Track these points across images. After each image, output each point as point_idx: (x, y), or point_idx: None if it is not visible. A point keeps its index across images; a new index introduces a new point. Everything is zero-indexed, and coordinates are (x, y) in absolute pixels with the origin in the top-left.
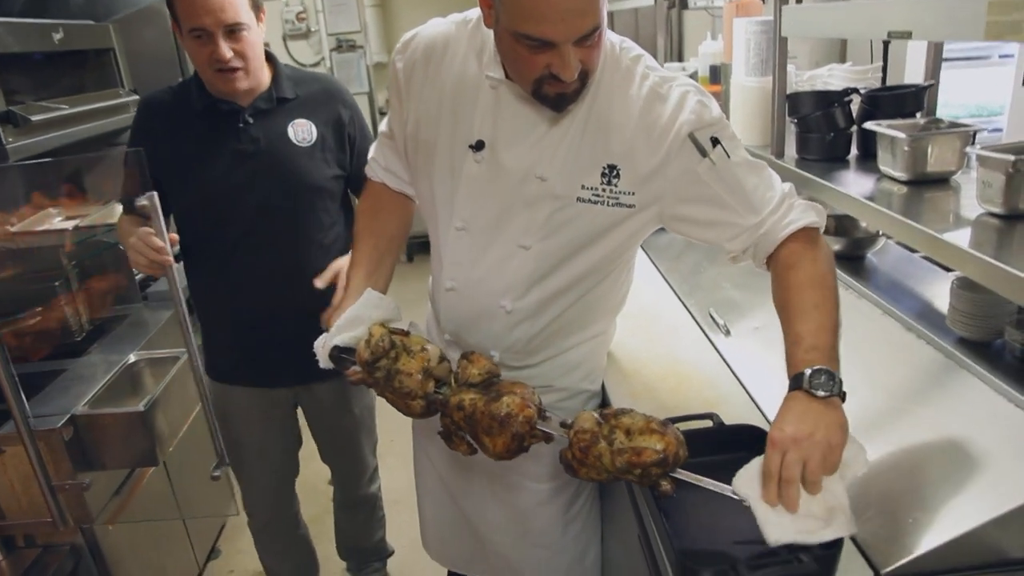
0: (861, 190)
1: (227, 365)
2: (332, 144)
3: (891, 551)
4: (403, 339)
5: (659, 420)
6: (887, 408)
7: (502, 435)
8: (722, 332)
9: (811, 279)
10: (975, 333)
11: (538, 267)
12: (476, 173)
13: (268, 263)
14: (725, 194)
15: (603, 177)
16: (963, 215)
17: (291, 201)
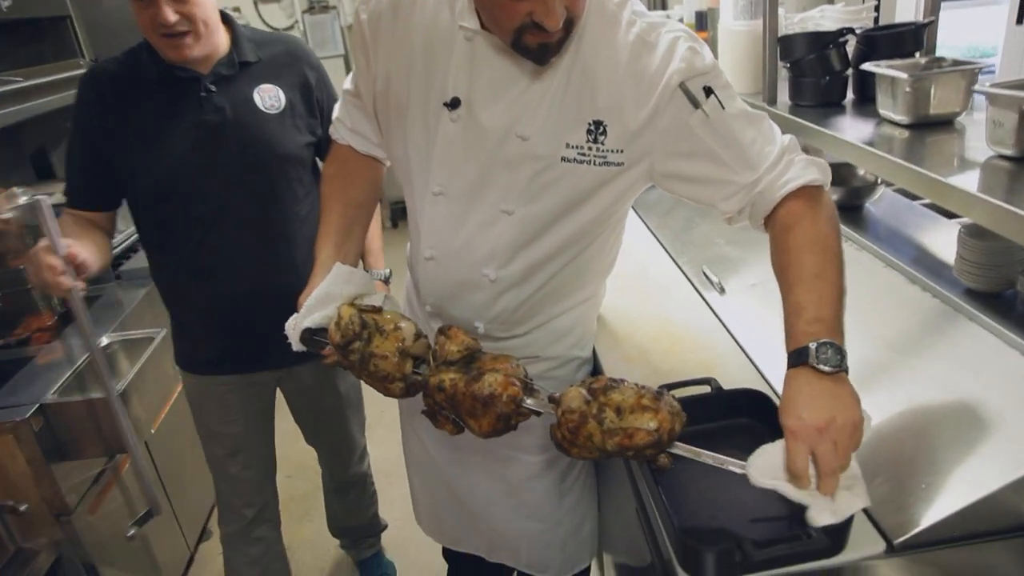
0: (860, 135)
1: (204, 354)
2: (302, 109)
3: (903, 520)
4: (375, 318)
5: (652, 393)
6: (892, 366)
7: (486, 416)
8: (716, 290)
9: (812, 242)
10: (984, 283)
11: (522, 233)
12: (452, 133)
13: (244, 241)
14: (720, 149)
15: (589, 134)
16: (970, 158)
17: (264, 173)
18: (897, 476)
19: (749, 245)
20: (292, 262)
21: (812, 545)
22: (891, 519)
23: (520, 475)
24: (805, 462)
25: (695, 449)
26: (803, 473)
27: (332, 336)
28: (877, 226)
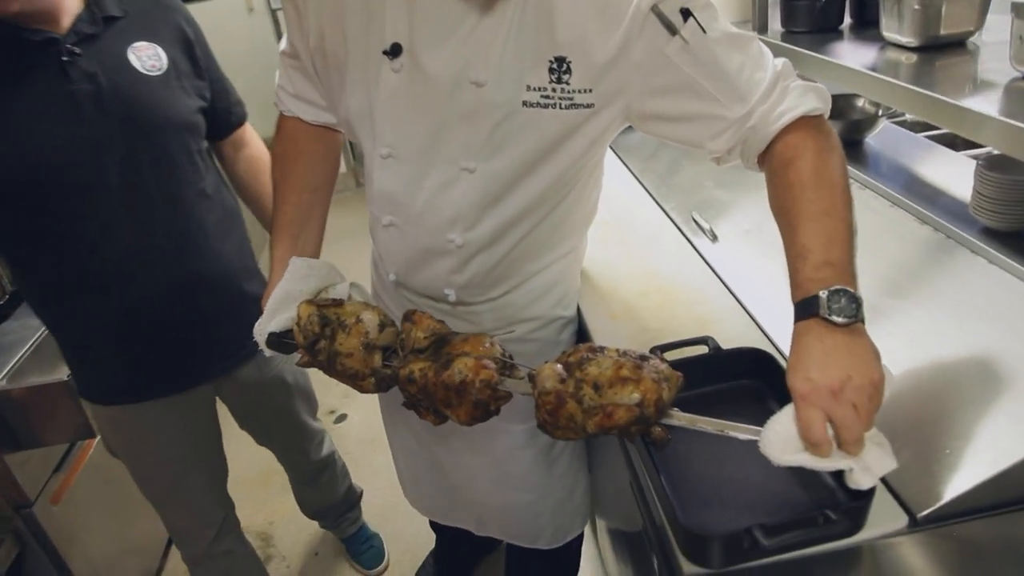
0: (863, 61)
1: (123, 381)
2: (187, 68)
3: (926, 491)
4: (337, 312)
5: (632, 360)
6: (903, 316)
7: (462, 405)
8: (708, 237)
9: (816, 177)
10: (1005, 221)
11: (488, 191)
12: (395, 85)
13: (148, 233)
14: (704, 80)
15: (551, 74)
16: (989, 80)
17: (160, 147)
18: (917, 442)
19: (741, 186)
20: (208, 247)
21: (829, 527)
22: (913, 491)
23: (505, 446)
24: (822, 429)
25: (692, 416)
26: (822, 440)
27: (297, 338)
28: (879, 162)
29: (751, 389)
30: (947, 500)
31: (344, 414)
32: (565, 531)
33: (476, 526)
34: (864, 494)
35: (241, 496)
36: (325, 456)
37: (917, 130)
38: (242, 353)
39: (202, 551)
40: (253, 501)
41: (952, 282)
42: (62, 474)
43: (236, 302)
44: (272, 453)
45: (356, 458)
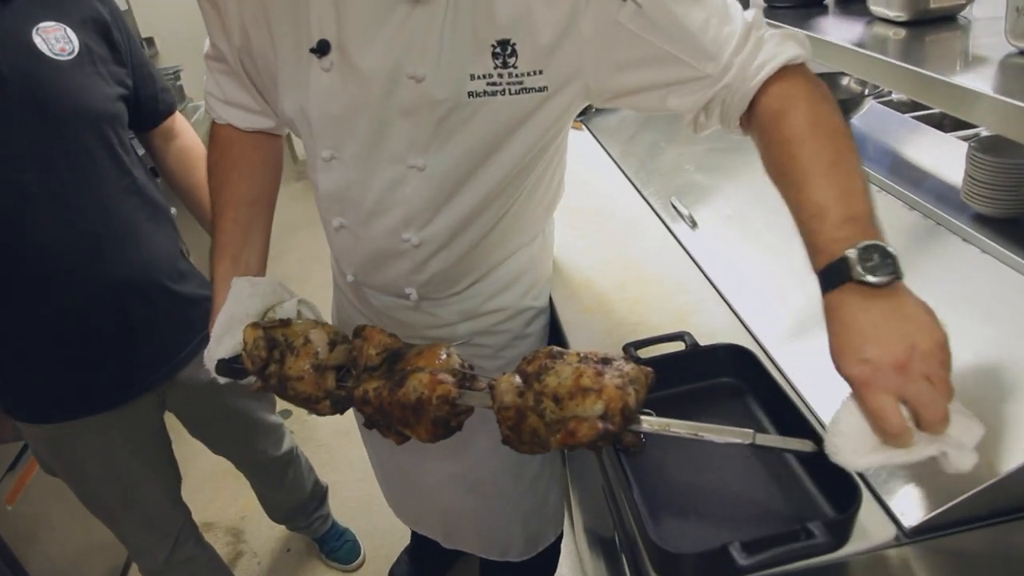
0: (849, 36)
1: (57, 398)
2: (103, 53)
3: (917, 501)
4: (284, 333)
5: (592, 367)
6: None
7: (421, 423)
8: (687, 224)
9: (814, 126)
10: (998, 207)
11: (440, 188)
12: (328, 85)
13: (74, 237)
14: (666, 44)
15: (496, 59)
16: (983, 55)
17: (77, 141)
18: None
19: (722, 170)
20: (137, 247)
21: (812, 544)
22: (902, 500)
23: (473, 448)
24: (897, 415)
25: (665, 420)
26: (900, 428)
27: (246, 364)
28: (865, 144)
29: (731, 387)
30: (939, 511)
31: None
32: (537, 540)
33: (444, 538)
34: (849, 503)
35: (212, 490)
36: (286, 452)
37: (904, 110)
38: (182, 355)
39: (160, 563)
40: (224, 495)
41: (943, 272)
42: (16, 473)
43: (171, 304)
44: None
45: (332, 450)
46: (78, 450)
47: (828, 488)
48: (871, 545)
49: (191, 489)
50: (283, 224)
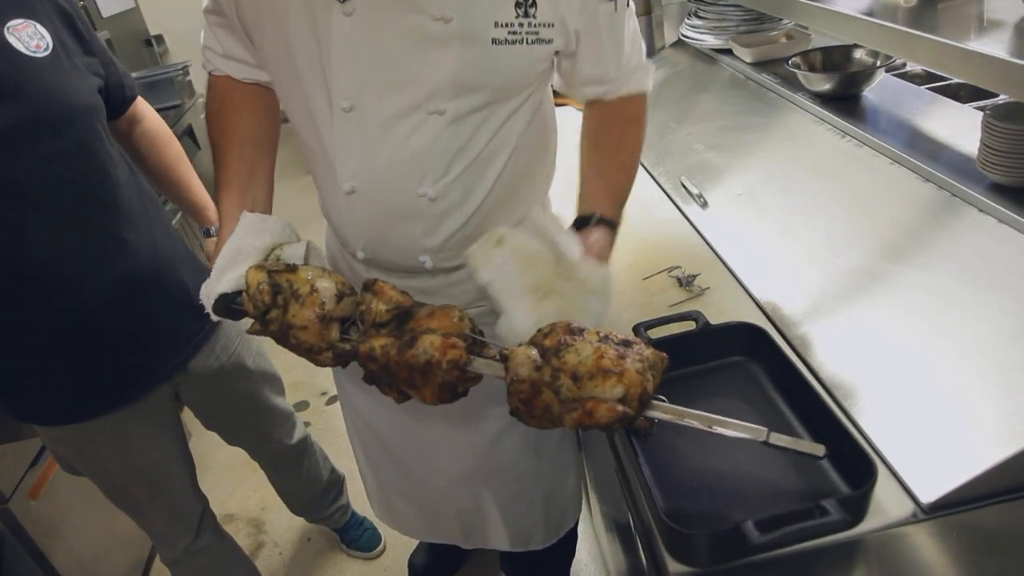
0: (858, 7)
1: (72, 398)
2: (74, 46)
3: (935, 477)
4: (290, 279)
5: (614, 348)
6: (908, 282)
7: (427, 386)
8: (698, 204)
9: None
10: (1015, 176)
11: (457, 134)
12: (351, 31)
13: (76, 235)
14: (607, 44)
15: (518, 8)
16: (997, 19)
17: (71, 139)
18: (924, 422)
19: (732, 149)
20: (138, 238)
21: (827, 521)
22: (919, 476)
23: (487, 434)
24: None
25: (679, 409)
26: None
27: (247, 306)
28: (878, 116)
29: (743, 367)
30: (956, 486)
31: (335, 395)
32: (558, 525)
33: (463, 539)
34: (864, 480)
35: (232, 481)
36: (300, 440)
37: (919, 82)
38: (193, 342)
39: (181, 552)
40: (245, 486)
41: (959, 244)
42: (39, 468)
43: (177, 291)
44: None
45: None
46: (101, 448)
47: (843, 465)
48: (888, 522)
49: (211, 482)
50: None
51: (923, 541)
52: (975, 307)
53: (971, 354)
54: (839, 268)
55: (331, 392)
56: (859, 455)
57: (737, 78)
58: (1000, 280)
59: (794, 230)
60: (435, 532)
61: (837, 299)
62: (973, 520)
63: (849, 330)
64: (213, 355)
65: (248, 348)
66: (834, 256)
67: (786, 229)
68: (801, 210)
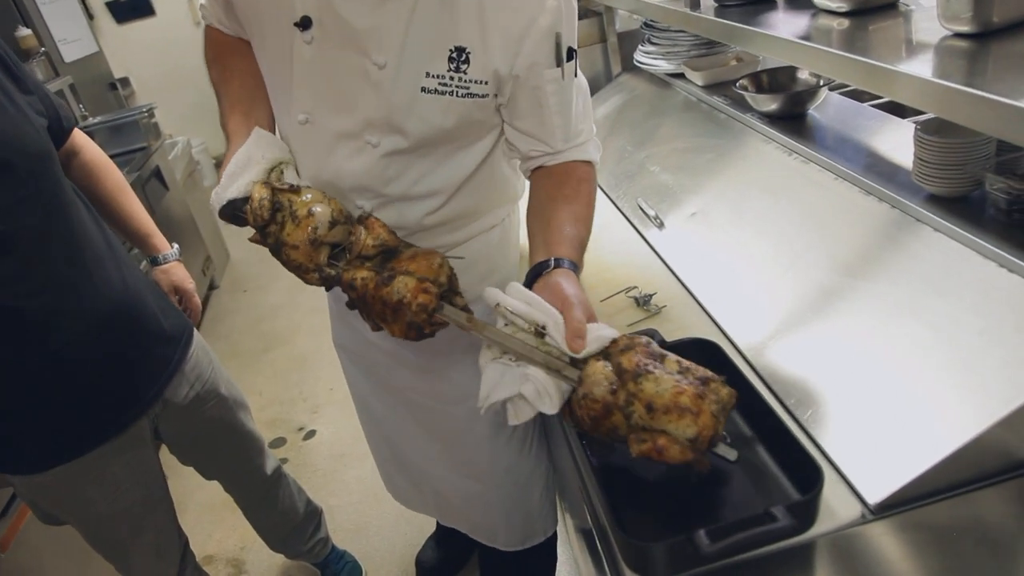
0: (795, 30)
1: (53, 443)
2: (9, 85)
3: (880, 477)
4: (291, 198)
5: (694, 387)
6: (851, 290)
7: (397, 322)
8: (655, 225)
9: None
10: (947, 187)
11: (389, 166)
12: (309, 56)
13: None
14: (553, 112)
15: (451, 63)
16: (921, 40)
17: (31, 184)
18: (868, 424)
19: (686, 170)
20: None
21: (776, 528)
22: (866, 477)
23: (447, 427)
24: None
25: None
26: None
27: (248, 217)
28: (823, 134)
29: None
30: (901, 485)
31: (313, 430)
32: (524, 534)
33: (440, 515)
34: (812, 486)
35: (211, 523)
36: (274, 469)
37: (864, 99)
38: (168, 370)
39: None
40: (223, 527)
41: (900, 254)
42: (8, 519)
43: (149, 321)
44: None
45: (327, 474)
46: (86, 490)
47: (793, 473)
48: (837, 525)
49: (189, 524)
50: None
51: (874, 541)
52: (915, 312)
53: (912, 357)
54: (789, 281)
55: (308, 427)
56: (807, 462)
57: (690, 101)
58: (937, 286)
59: (746, 246)
60: (419, 504)
61: (787, 311)
62: (920, 517)
63: (799, 340)
64: (188, 383)
65: (220, 375)
66: (784, 270)
67: (739, 246)
68: (752, 227)
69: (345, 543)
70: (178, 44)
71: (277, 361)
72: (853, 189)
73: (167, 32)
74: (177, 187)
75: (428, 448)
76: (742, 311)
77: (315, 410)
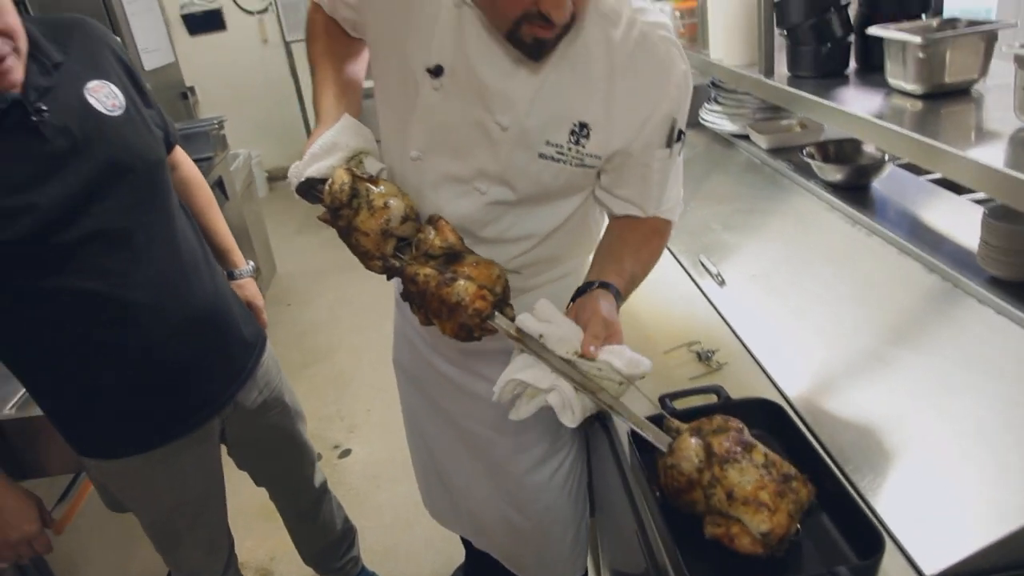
0: (868, 107)
1: (136, 432)
2: (139, 100)
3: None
4: (368, 187)
5: (776, 483)
6: (912, 363)
7: (450, 321)
8: (716, 282)
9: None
10: (1012, 271)
11: (491, 211)
12: (434, 102)
13: (156, 276)
14: (654, 185)
15: (572, 136)
16: (994, 129)
17: (147, 189)
18: (926, 495)
19: (747, 230)
20: (203, 275)
21: None
22: (923, 549)
23: (493, 455)
24: None
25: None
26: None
27: (324, 197)
28: (887, 207)
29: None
30: (961, 559)
31: (348, 449)
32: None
33: (474, 537)
34: (873, 552)
35: (242, 530)
36: (322, 483)
37: (921, 172)
38: (242, 376)
39: None
40: (254, 535)
41: (960, 332)
42: (66, 503)
43: (231, 327)
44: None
45: (360, 494)
46: (156, 479)
47: (852, 537)
48: None
49: None
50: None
51: None
52: (973, 392)
53: (969, 435)
54: (847, 349)
55: (344, 446)
56: (868, 528)
57: (753, 162)
58: (997, 367)
59: (806, 311)
60: (455, 524)
61: (845, 378)
62: None
63: (856, 408)
64: (257, 388)
65: (285, 385)
66: (843, 338)
67: (799, 310)
68: (813, 293)
69: (374, 565)
70: (244, 60)
71: (316, 377)
72: (916, 265)
73: (235, 47)
74: (236, 198)
75: (472, 470)
76: (801, 374)
77: (352, 429)
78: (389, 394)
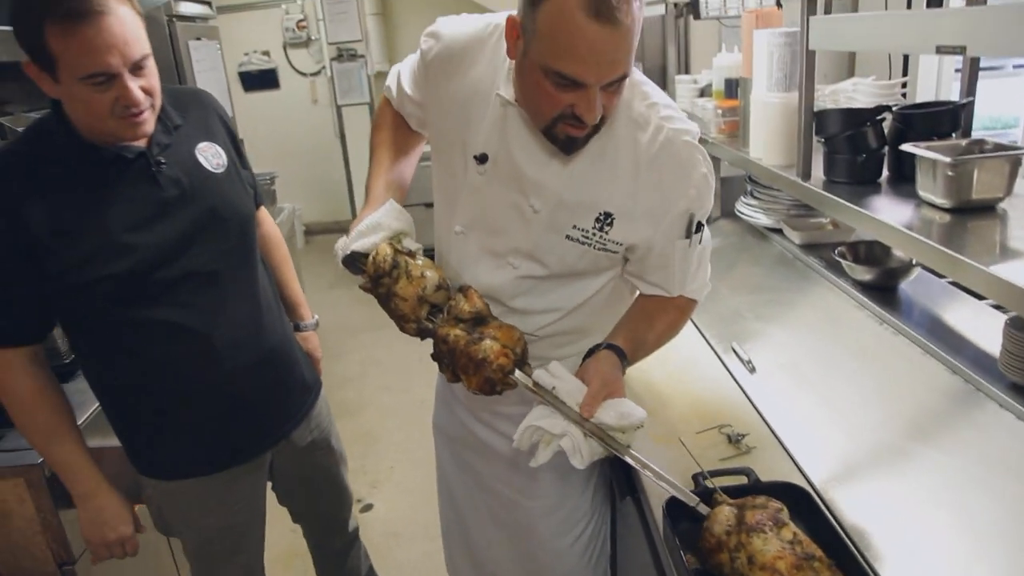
0: (898, 217)
1: (201, 456)
2: (237, 161)
3: None
4: (407, 260)
5: (794, 557)
6: (934, 460)
7: (476, 376)
8: (747, 368)
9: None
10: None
11: (522, 284)
12: (478, 184)
13: (237, 316)
14: (677, 271)
15: (596, 223)
16: (1016, 247)
17: (238, 238)
18: None
19: (778, 320)
20: (274, 319)
21: None
22: None
23: (518, 519)
24: None
25: None
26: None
27: (368, 267)
28: (913, 310)
29: None
30: None
31: (370, 504)
32: None
33: None
34: None
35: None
36: (355, 528)
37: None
38: (299, 415)
39: None
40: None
41: (980, 433)
42: None
43: (294, 367)
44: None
45: (379, 550)
46: (208, 503)
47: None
48: None
49: None
50: (344, 326)
51: None
52: (991, 491)
53: (986, 534)
54: (871, 441)
55: (366, 500)
56: None
57: (786, 256)
58: (1015, 470)
59: (833, 402)
60: None
61: (868, 469)
62: None
63: (877, 498)
64: (309, 428)
65: (333, 429)
66: (867, 430)
67: (826, 401)
68: (840, 385)
69: None
70: (294, 118)
71: (343, 431)
72: (939, 366)
73: (286, 106)
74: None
75: (496, 535)
76: (826, 461)
77: (375, 485)
78: (413, 455)
